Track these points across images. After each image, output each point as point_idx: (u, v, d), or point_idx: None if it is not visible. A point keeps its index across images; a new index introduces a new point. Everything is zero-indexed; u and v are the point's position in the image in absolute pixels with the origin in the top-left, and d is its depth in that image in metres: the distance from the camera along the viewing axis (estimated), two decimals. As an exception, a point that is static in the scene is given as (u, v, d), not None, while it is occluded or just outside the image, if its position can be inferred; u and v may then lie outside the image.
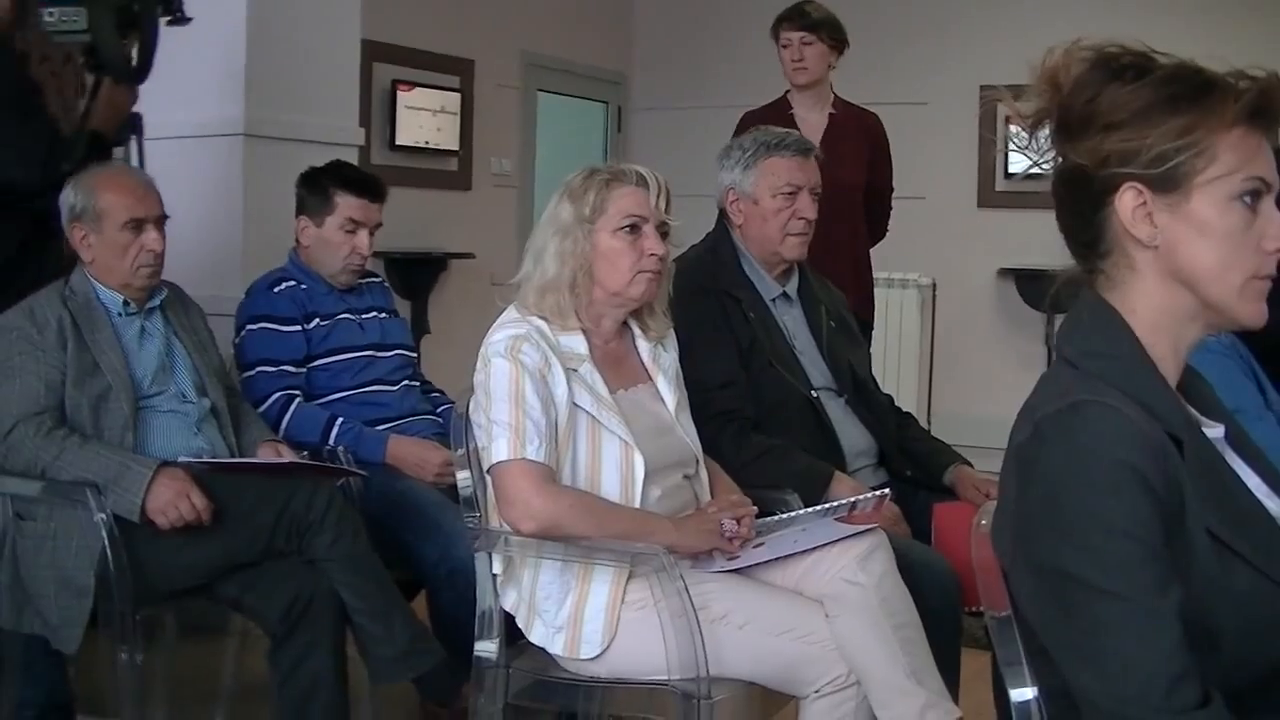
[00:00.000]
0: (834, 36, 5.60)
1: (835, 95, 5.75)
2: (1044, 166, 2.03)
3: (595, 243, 3.23)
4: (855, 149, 5.55)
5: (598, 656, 3.12)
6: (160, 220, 3.96)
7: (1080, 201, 1.98)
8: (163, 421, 3.88)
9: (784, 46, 5.60)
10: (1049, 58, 1.96)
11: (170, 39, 5.40)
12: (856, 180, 5.52)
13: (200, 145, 5.38)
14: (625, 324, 3.39)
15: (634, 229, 3.23)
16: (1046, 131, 1.99)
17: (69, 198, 3.93)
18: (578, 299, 3.25)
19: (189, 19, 4.58)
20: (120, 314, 3.93)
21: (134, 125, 4.64)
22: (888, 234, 5.99)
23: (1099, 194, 1.94)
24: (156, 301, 4.03)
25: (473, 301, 8.75)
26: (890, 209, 5.96)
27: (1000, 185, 9.23)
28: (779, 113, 5.50)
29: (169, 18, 4.56)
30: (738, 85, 6.31)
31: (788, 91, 5.72)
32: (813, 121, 5.52)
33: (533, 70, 9.69)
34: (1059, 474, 1.84)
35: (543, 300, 3.24)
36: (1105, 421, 1.83)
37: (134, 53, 4.53)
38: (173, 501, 3.61)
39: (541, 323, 3.23)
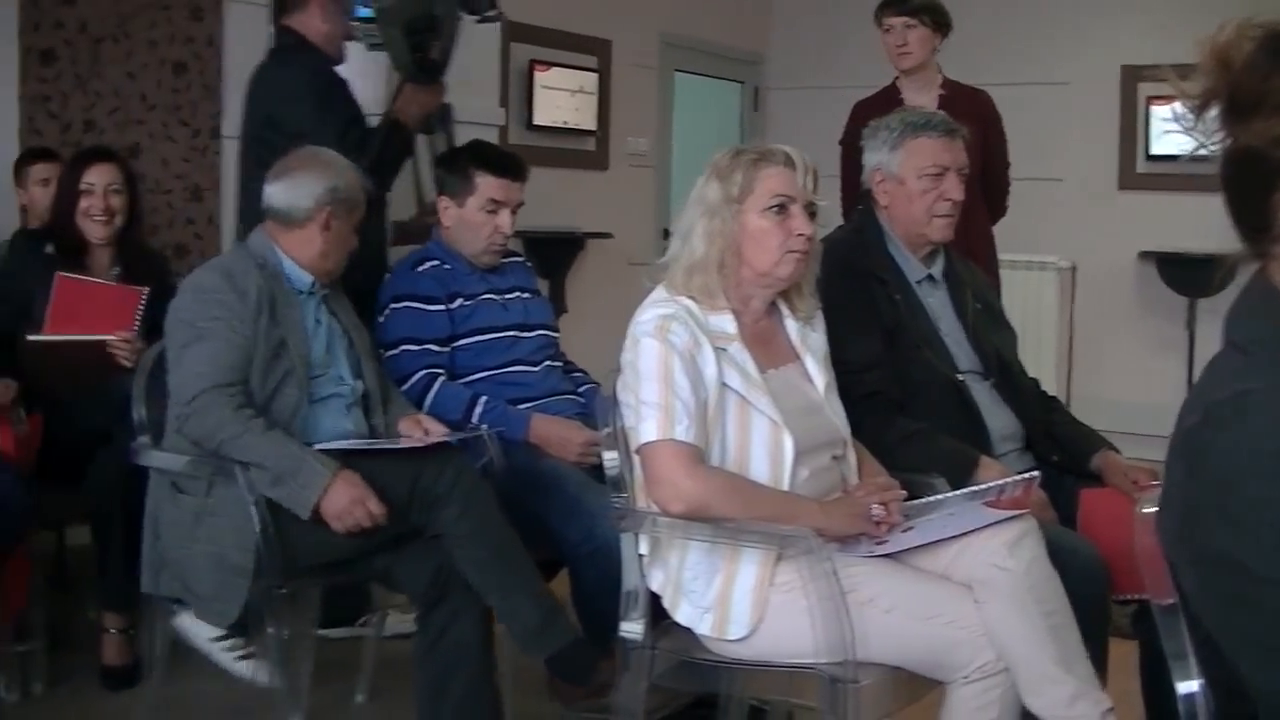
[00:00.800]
0: (936, 19, 5.71)
1: (943, 76, 5.80)
2: (1211, 148, 1.98)
3: (743, 223, 3.22)
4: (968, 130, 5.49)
5: (744, 638, 3.10)
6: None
7: (1250, 184, 1.92)
8: (320, 404, 3.90)
9: (886, 32, 5.74)
10: (1218, 35, 1.90)
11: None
12: (973, 161, 5.41)
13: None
14: (773, 304, 3.38)
15: (782, 209, 3.21)
16: (1214, 112, 1.94)
17: (330, 179, 3.99)
18: (725, 279, 3.24)
19: (499, 16, 5.07)
20: (303, 293, 3.97)
21: (443, 115, 5.07)
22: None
23: (1270, 176, 1.88)
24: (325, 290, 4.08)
25: (610, 281, 8.78)
26: (1008, 186, 5.96)
27: (1141, 167, 9.11)
28: (889, 99, 5.59)
29: (478, 17, 5.00)
30: (875, 64, 6.23)
31: (896, 77, 5.82)
32: (922, 104, 5.44)
33: (670, 50, 9.69)
34: (1229, 461, 1.80)
35: (691, 280, 3.23)
36: (1276, 408, 1.79)
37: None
38: (349, 509, 3.62)
39: (690, 302, 3.22)
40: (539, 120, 8.51)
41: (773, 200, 3.21)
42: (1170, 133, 7.86)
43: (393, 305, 4.39)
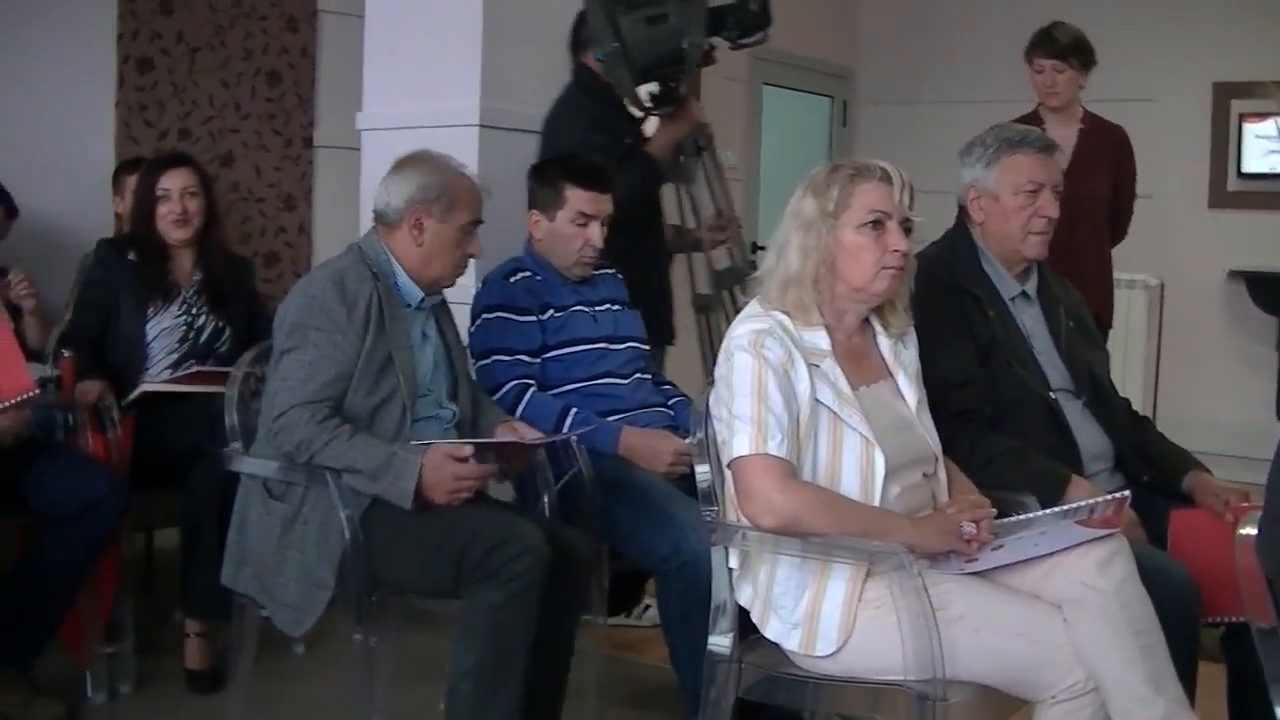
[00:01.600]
0: (1083, 59, 5.93)
1: (1084, 110, 6.00)
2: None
3: (838, 238, 3.21)
4: (1103, 162, 5.87)
5: (833, 654, 3.10)
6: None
7: None
8: (421, 426, 3.88)
9: (1037, 72, 5.96)
10: None
11: (406, 31, 5.53)
12: (1102, 192, 5.87)
13: (435, 136, 5.44)
14: (866, 320, 3.37)
15: (877, 224, 3.21)
16: None
17: (422, 177, 3.97)
18: (820, 294, 3.24)
19: (764, 38, 5.35)
20: (412, 307, 3.94)
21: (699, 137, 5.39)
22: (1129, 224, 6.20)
23: None
24: (431, 302, 4.05)
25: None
26: (1131, 215, 6.16)
27: (1233, 185, 9.03)
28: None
29: (735, 43, 5.25)
30: (965, 80, 6.25)
31: (1039, 106, 6.04)
32: (1063, 137, 5.56)
33: (759, 64, 9.66)
34: None
35: (785, 295, 3.23)
36: None
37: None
38: (444, 482, 3.63)
39: (784, 317, 3.22)
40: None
41: (869, 216, 3.20)
42: (1273, 152, 7.83)
43: (485, 315, 4.40)
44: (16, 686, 4.28)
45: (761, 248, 9.61)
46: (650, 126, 5.31)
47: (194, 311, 4.97)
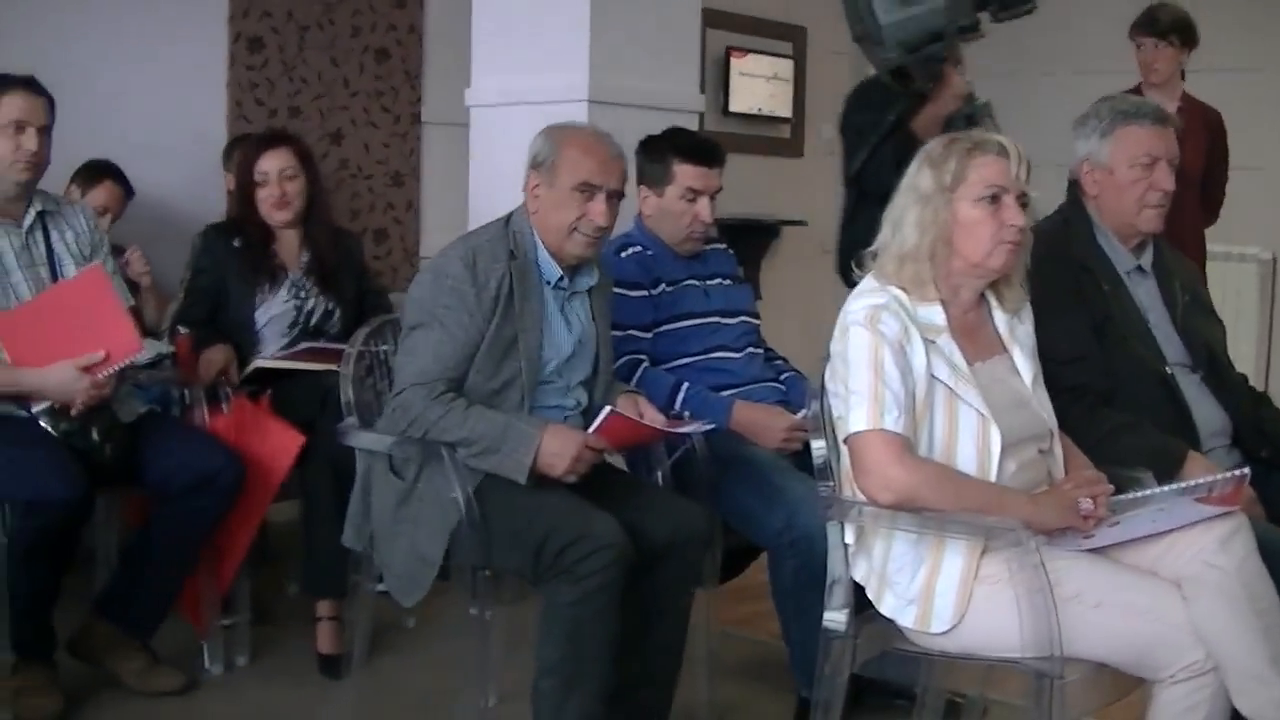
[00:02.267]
0: (1184, 38, 6.07)
1: (1183, 89, 6.13)
2: None
3: (955, 212, 3.19)
4: (1197, 141, 5.84)
5: (948, 631, 3.09)
6: (615, 194, 3.85)
7: None
8: (539, 414, 3.78)
9: (1138, 48, 6.11)
10: None
11: (514, 7, 5.54)
12: (1196, 173, 5.88)
13: (544, 111, 5.46)
14: (981, 295, 3.35)
15: (995, 199, 3.18)
16: None
17: (536, 144, 3.90)
18: (936, 269, 3.22)
19: (1032, 8, 5.29)
20: (551, 285, 3.87)
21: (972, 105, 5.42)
22: (1225, 206, 6.35)
23: None
24: (585, 285, 3.96)
25: (804, 268, 8.79)
26: (1224, 197, 6.33)
27: (1347, 153, 8.87)
28: None
29: (1002, 16, 5.31)
30: (1076, 53, 6.18)
31: (1139, 85, 6.12)
32: None
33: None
34: None
35: (901, 269, 3.21)
36: None
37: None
38: (561, 458, 3.60)
39: (900, 292, 3.20)
40: (735, 107, 8.54)
41: (986, 190, 3.17)
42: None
43: (596, 291, 4.40)
44: (138, 656, 4.35)
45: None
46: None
47: (303, 295, 5.01)
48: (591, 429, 3.68)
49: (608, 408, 3.72)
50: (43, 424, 4.16)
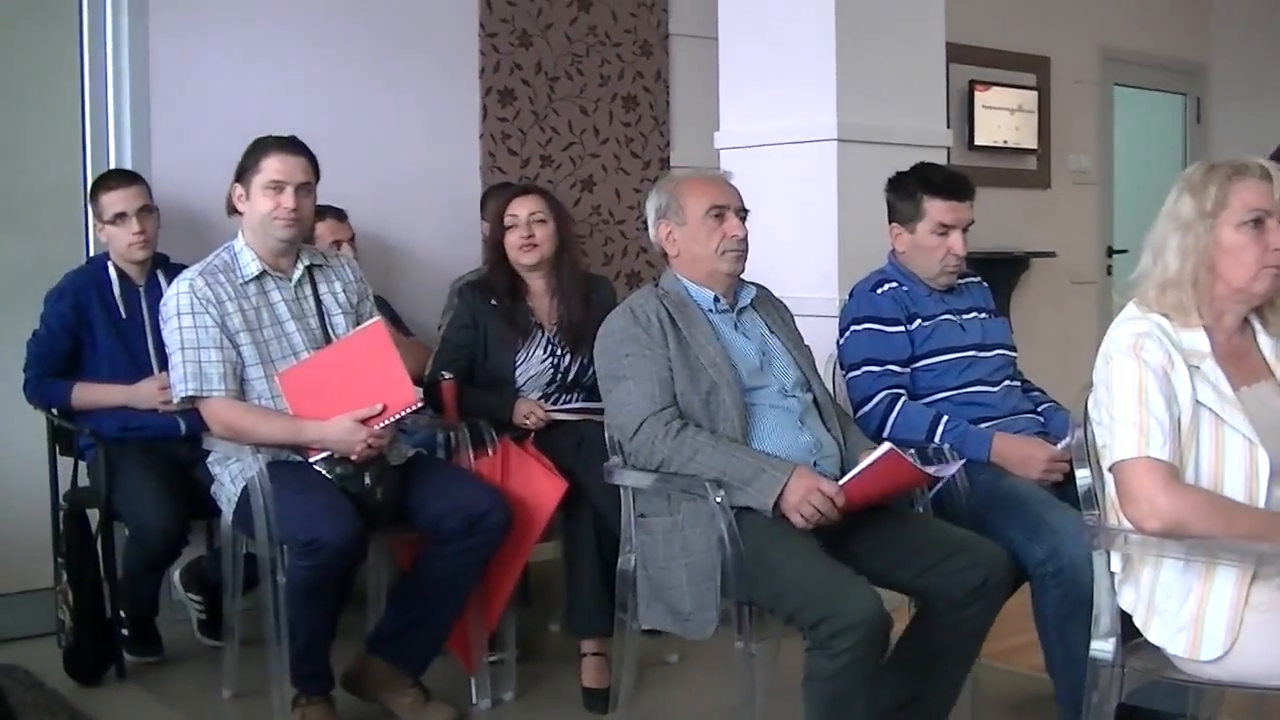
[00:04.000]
0: None
1: None
2: None
3: (1217, 238, 3.16)
4: None
5: (1219, 658, 3.04)
6: (740, 211, 4.09)
7: None
8: (768, 416, 3.93)
9: None
10: None
11: (760, 50, 5.62)
12: None
13: (793, 152, 5.54)
14: (1245, 319, 3.30)
15: (1258, 223, 3.14)
16: None
17: (654, 200, 4.16)
18: (1199, 295, 3.18)
19: None
20: (713, 310, 4.05)
21: None
22: None
23: None
24: (747, 300, 4.14)
25: (1054, 300, 8.71)
26: None
27: None
28: None
29: None
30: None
31: None
32: None
33: (1109, 64, 9.55)
34: None
35: (1163, 296, 3.19)
36: None
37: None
38: (802, 502, 3.65)
39: (1162, 319, 3.18)
40: (980, 140, 8.50)
41: (1248, 214, 3.14)
42: None
43: (853, 327, 4.45)
44: (410, 691, 4.48)
45: (1118, 251, 9.47)
46: None
47: (559, 353, 5.11)
48: (862, 465, 3.71)
49: (887, 444, 3.75)
50: (319, 469, 4.33)
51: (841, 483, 3.69)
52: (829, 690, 3.49)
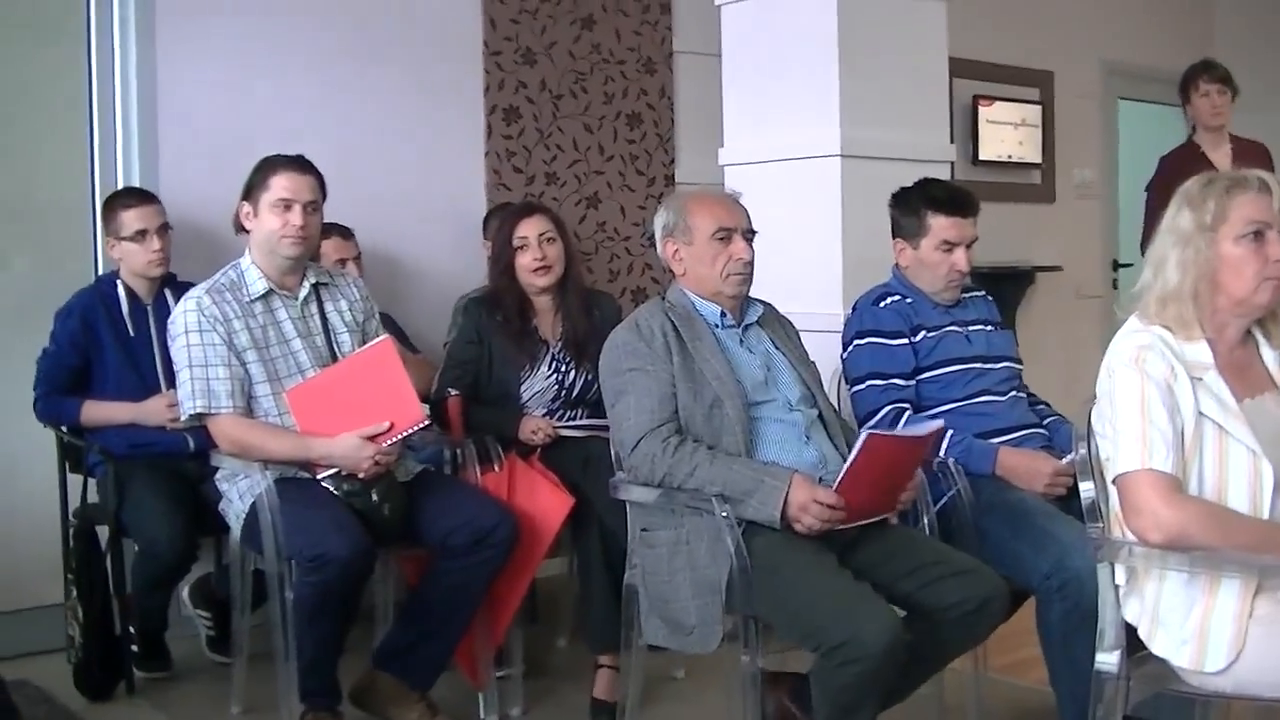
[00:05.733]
0: (1233, 88, 6.95)
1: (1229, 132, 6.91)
2: None
3: (1218, 251, 3.17)
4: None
5: (1224, 670, 3.05)
6: (748, 233, 4.11)
7: None
8: (773, 430, 3.95)
9: (1203, 96, 6.92)
10: None
11: (764, 67, 5.65)
12: None
13: (797, 168, 5.55)
14: (1248, 331, 3.32)
15: (1258, 235, 3.16)
16: None
17: (661, 217, 4.17)
18: (1200, 308, 3.20)
19: None
20: (719, 325, 4.08)
21: None
22: None
23: None
24: (754, 317, 4.17)
25: (1059, 315, 8.72)
26: None
27: None
28: (1192, 153, 6.83)
29: None
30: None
31: (1192, 135, 7.02)
32: (1218, 157, 6.73)
33: (1112, 77, 9.57)
34: None
35: (1165, 310, 3.20)
36: None
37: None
38: (802, 512, 3.67)
39: (1164, 331, 3.19)
40: (984, 155, 8.52)
41: (1248, 227, 3.16)
42: None
43: (856, 341, 4.46)
44: (417, 706, 4.48)
45: (1123, 265, 9.48)
46: None
47: (563, 369, 5.13)
48: (847, 462, 3.69)
49: (866, 431, 3.79)
50: (327, 486, 4.36)
51: (834, 486, 3.70)
52: (842, 701, 3.54)
